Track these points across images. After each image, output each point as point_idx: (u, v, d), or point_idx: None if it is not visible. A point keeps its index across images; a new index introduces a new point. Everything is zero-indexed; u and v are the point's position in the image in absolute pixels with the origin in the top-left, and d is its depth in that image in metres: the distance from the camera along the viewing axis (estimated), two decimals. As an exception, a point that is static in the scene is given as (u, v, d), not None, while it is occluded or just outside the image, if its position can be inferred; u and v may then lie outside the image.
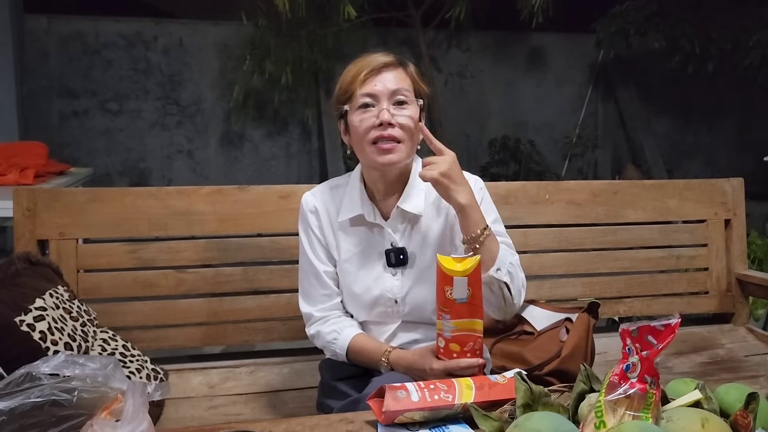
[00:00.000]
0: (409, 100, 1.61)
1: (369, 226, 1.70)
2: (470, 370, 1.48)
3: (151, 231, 2.14)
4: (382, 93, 1.58)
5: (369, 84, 1.59)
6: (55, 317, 1.65)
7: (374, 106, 1.59)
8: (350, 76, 1.61)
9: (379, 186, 1.68)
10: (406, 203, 1.67)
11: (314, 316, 1.75)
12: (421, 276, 1.67)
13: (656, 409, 1.06)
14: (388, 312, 1.70)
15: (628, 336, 1.11)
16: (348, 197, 1.71)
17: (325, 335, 1.72)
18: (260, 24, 5.23)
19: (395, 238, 1.69)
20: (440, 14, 5.64)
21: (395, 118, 1.57)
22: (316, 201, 1.75)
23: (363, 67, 1.60)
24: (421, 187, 1.69)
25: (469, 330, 1.47)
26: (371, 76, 1.59)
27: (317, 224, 1.74)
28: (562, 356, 1.91)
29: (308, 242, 1.75)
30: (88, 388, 1.14)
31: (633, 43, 5.60)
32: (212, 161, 5.97)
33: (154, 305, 2.17)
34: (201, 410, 1.96)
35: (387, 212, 1.70)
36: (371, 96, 1.59)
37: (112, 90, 5.67)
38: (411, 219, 1.69)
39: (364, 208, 1.69)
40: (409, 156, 1.65)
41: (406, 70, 1.64)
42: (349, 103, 1.61)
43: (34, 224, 2.06)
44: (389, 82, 1.59)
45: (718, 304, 2.55)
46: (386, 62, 1.61)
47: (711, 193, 2.55)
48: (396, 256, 1.67)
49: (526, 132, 6.51)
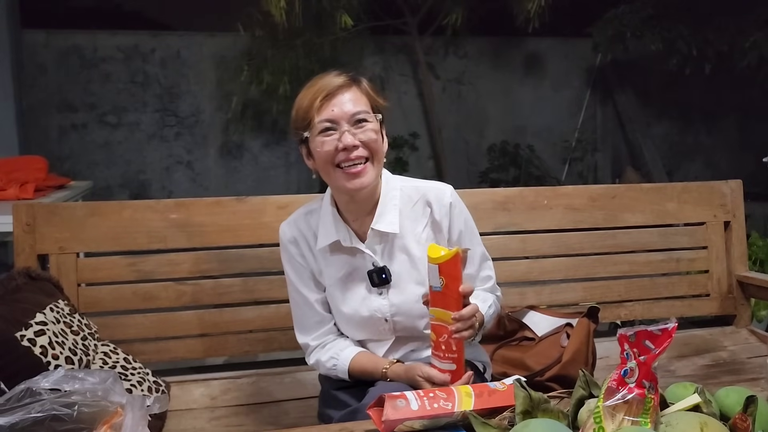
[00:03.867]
0: (368, 117, 1.58)
1: (348, 250, 1.69)
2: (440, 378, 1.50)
3: (150, 243, 2.14)
4: (341, 117, 1.55)
5: (326, 109, 1.55)
6: (55, 331, 1.66)
7: (335, 129, 1.56)
8: (306, 102, 1.58)
9: (350, 208, 1.67)
10: (380, 223, 1.66)
11: (311, 345, 1.75)
12: (406, 292, 1.67)
13: (655, 414, 1.06)
14: (380, 330, 1.70)
15: (625, 341, 1.10)
16: (322, 223, 1.69)
17: (325, 363, 1.72)
18: (257, 34, 5.24)
19: (375, 258, 1.68)
20: (436, 21, 5.65)
21: (357, 137, 1.55)
22: (293, 231, 1.72)
23: (318, 92, 1.56)
24: (395, 202, 1.68)
25: (443, 321, 1.47)
26: (327, 101, 1.56)
27: (299, 253, 1.72)
28: (563, 362, 1.91)
29: (294, 272, 1.74)
30: (89, 403, 1.14)
31: (630, 46, 5.60)
32: (212, 172, 5.98)
33: (155, 317, 2.17)
34: (203, 422, 1.96)
35: (363, 233, 1.68)
36: (330, 121, 1.55)
37: (111, 103, 5.69)
38: (388, 237, 1.68)
39: (339, 233, 1.67)
40: (378, 175, 1.64)
41: (360, 88, 1.61)
42: (309, 130, 1.58)
43: (34, 239, 2.06)
44: (346, 105, 1.56)
45: (719, 306, 2.55)
46: (340, 84, 1.57)
47: (710, 195, 2.55)
48: (378, 276, 1.66)
49: (525, 137, 6.52)
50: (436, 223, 1.70)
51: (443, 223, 1.69)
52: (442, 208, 1.69)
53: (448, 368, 1.50)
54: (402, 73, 6.25)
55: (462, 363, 1.51)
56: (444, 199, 1.70)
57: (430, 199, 1.70)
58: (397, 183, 1.72)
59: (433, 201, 1.70)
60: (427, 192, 1.71)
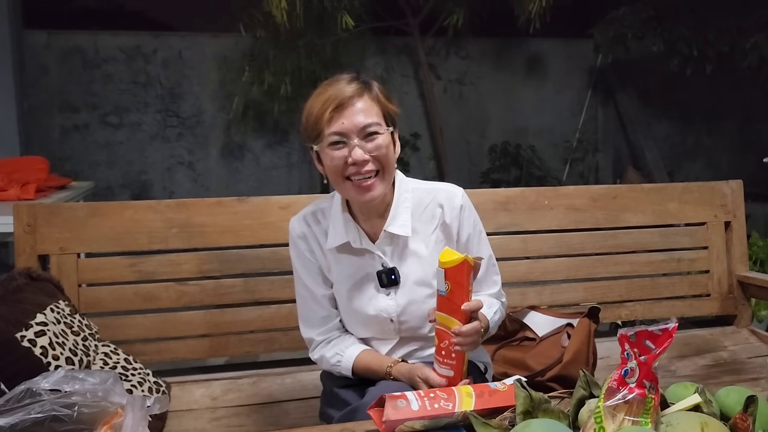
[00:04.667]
0: (380, 130, 1.56)
1: (358, 251, 1.69)
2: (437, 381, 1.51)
3: (151, 244, 2.15)
4: (351, 130, 1.53)
5: (336, 122, 1.53)
6: (56, 332, 1.66)
7: (344, 143, 1.54)
8: (316, 111, 1.55)
9: (362, 210, 1.67)
10: (392, 226, 1.66)
11: (315, 340, 1.75)
12: (413, 294, 1.67)
13: (655, 414, 1.06)
14: (385, 330, 1.71)
15: (626, 341, 1.10)
16: (332, 223, 1.69)
17: (329, 359, 1.72)
18: (259, 35, 5.24)
19: (385, 259, 1.68)
20: (438, 22, 5.66)
21: (367, 150, 1.54)
22: (303, 227, 1.72)
23: (328, 102, 1.53)
24: (407, 205, 1.68)
25: (446, 327, 1.47)
26: (337, 112, 1.53)
27: (308, 249, 1.72)
28: (563, 362, 1.91)
29: (302, 267, 1.74)
30: (89, 403, 1.14)
31: (631, 47, 5.59)
32: (213, 172, 5.98)
33: (156, 318, 2.17)
34: (204, 422, 1.96)
35: (374, 233, 1.69)
36: (340, 134, 1.53)
37: (113, 103, 5.69)
38: (399, 239, 1.68)
39: (350, 234, 1.67)
40: (389, 185, 1.64)
41: (371, 95, 1.58)
42: (318, 141, 1.56)
43: (35, 239, 2.06)
44: (357, 117, 1.53)
45: (720, 306, 2.55)
46: (351, 94, 1.54)
47: (710, 195, 2.55)
48: (387, 277, 1.67)
49: (526, 137, 6.52)
50: (446, 225, 1.70)
51: (453, 225, 1.70)
52: (453, 210, 1.69)
53: (446, 374, 1.51)
54: (403, 73, 6.25)
55: (461, 372, 1.51)
56: (455, 202, 1.70)
57: (442, 201, 1.71)
58: (410, 185, 1.72)
59: (444, 203, 1.70)
60: (439, 194, 1.72)
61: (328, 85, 1.59)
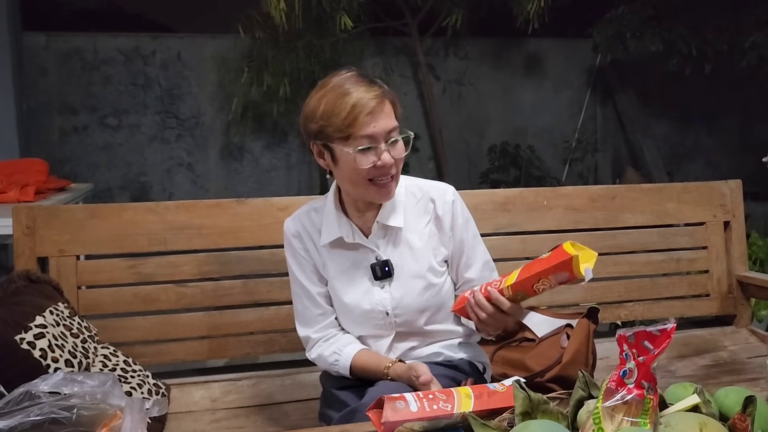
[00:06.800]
0: (398, 134, 1.59)
1: (351, 246, 1.70)
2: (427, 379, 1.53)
3: (150, 246, 2.14)
4: (380, 135, 1.55)
5: (368, 126, 1.53)
6: (55, 334, 1.66)
7: (373, 147, 1.55)
8: (345, 113, 1.53)
9: (359, 204, 1.68)
10: (386, 218, 1.68)
11: (312, 338, 1.75)
12: (408, 286, 1.68)
13: (654, 415, 1.06)
14: (381, 324, 1.71)
15: (624, 342, 1.10)
16: (326, 220, 1.71)
17: (327, 358, 1.73)
18: (257, 36, 5.25)
19: (378, 252, 1.70)
20: (437, 22, 5.67)
21: (392, 155, 1.57)
22: (297, 226, 1.75)
23: (359, 107, 1.52)
24: (400, 199, 1.70)
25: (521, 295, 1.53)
26: (370, 117, 1.53)
27: (302, 247, 1.74)
28: (563, 362, 1.90)
29: (297, 265, 1.75)
30: (87, 406, 1.14)
31: (630, 46, 5.61)
32: (213, 174, 5.99)
33: (155, 320, 2.17)
34: (203, 424, 1.96)
35: (366, 227, 1.70)
36: (371, 138, 1.54)
37: (112, 105, 5.70)
38: (392, 231, 1.70)
39: (342, 230, 1.69)
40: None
41: (387, 98, 1.58)
42: (345, 143, 1.55)
43: (34, 242, 2.06)
44: (384, 121, 1.55)
45: (719, 306, 2.54)
46: (378, 99, 1.55)
47: (709, 195, 2.54)
48: (381, 269, 1.68)
49: (525, 137, 6.53)
50: (439, 218, 1.72)
51: (445, 218, 1.71)
52: (445, 204, 1.72)
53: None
54: (402, 74, 6.26)
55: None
56: (446, 196, 1.73)
57: (434, 196, 1.73)
58: (403, 181, 1.73)
59: (436, 198, 1.73)
60: (431, 190, 1.75)
61: (350, 85, 1.56)
